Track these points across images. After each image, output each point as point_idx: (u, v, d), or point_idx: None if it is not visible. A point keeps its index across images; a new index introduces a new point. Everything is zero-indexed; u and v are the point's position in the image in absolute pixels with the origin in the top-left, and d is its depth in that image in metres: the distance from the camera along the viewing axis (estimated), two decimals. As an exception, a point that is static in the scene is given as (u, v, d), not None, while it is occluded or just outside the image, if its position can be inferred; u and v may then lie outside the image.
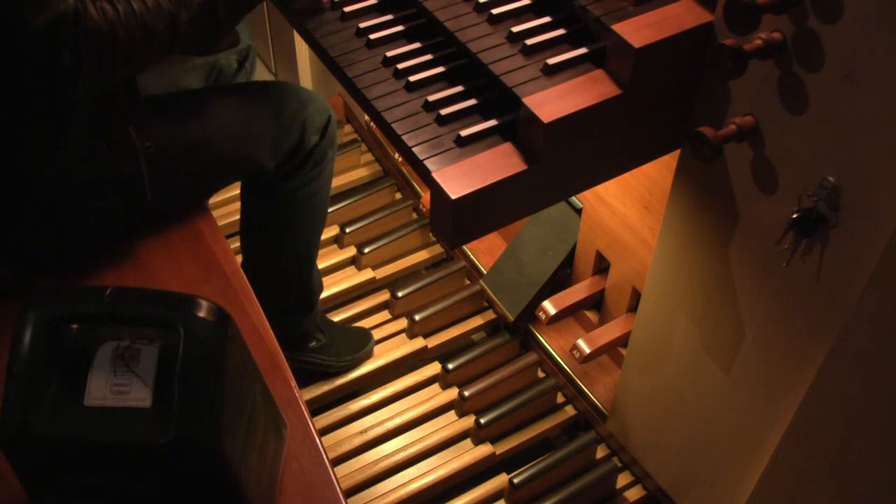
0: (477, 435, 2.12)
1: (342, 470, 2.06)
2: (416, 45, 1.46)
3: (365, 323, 2.35)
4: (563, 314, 2.07)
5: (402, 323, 2.35)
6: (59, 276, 1.59)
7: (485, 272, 2.32)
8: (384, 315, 2.37)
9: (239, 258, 2.16)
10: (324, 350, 2.17)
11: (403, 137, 1.31)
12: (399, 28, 1.49)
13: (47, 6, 1.23)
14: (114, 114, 1.48)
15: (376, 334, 2.32)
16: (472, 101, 1.35)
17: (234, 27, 1.53)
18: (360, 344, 2.25)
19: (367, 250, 2.43)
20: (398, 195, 2.69)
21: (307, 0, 1.53)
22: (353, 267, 2.47)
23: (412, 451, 2.10)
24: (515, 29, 1.37)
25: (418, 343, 2.31)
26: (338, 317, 2.34)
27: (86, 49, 1.27)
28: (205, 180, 1.71)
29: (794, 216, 1.24)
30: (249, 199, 1.89)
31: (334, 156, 1.87)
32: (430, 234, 2.55)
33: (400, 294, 2.34)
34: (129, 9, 1.32)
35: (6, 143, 1.42)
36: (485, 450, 2.12)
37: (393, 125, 1.33)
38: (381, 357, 2.27)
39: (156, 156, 1.55)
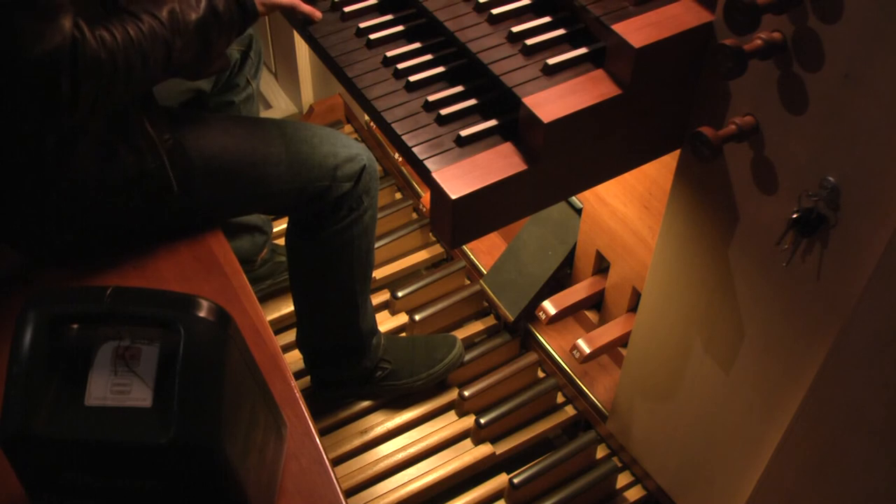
0: (477, 435, 2.12)
1: (342, 470, 2.06)
2: (416, 45, 1.46)
3: (365, 323, 2.35)
4: (563, 314, 2.07)
5: (402, 323, 2.35)
6: (74, 268, 1.60)
7: (485, 272, 2.32)
8: (384, 315, 2.37)
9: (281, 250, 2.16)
10: (393, 376, 2.14)
11: (403, 137, 1.31)
12: (399, 28, 1.49)
13: (43, 38, 1.23)
14: (129, 113, 1.49)
15: (376, 334, 2.32)
16: (472, 101, 1.35)
17: (224, 50, 1.55)
18: (439, 355, 2.19)
19: (367, 250, 2.43)
20: (398, 195, 2.69)
21: (302, 16, 1.54)
22: (353, 267, 2.47)
23: (412, 451, 2.10)
24: (515, 29, 1.37)
25: (418, 343, 2.31)
26: (338, 317, 2.35)
27: (85, 78, 1.28)
28: (223, 197, 1.69)
29: (794, 216, 1.24)
30: (292, 246, 1.88)
31: (373, 206, 1.84)
32: (430, 234, 2.55)
33: (400, 294, 2.34)
34: (126, 36, 1.33)
35: (23, 143, 1.42)
36: (485, 450, 2.12)
37: (393, 125, 1.33)
38: (381, 357, 2.28)
39: (176, 152, 1.55)
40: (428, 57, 1.44)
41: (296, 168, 1.69)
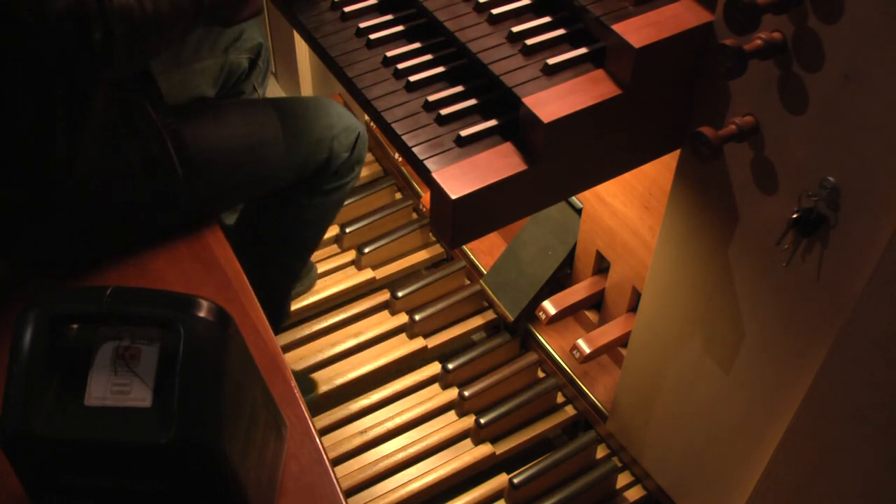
0: (477, 435, 2.12)
1: (342, 470, 2.06)
2: (416, 45, 1.46)
3: (365, 323, 2.35)
4: (563, 314, 2.07)
5: (402, 323, 2.35)
6: (61, 277, 1.59)
7: (485, 272, 2.32)
8: (384, 315, 2.37)
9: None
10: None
11: (403, 137, 1.31)
12: (399, 28, 1.49)
13: None
14: (130, 96, 1.47)
15: (376, 334, 2.32)
16: (472, 101, 1.35)
17: None
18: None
19: (367, 250, 2.43)
20: (398, 195, 2.69)
21: None
22: (353, 267, 2.47)
23: (412, 451, 2.10)
24: (515, 29, 1.37)
25: (418, 343, 2.31)
26: (338, 316, 2.35)
27: (116, 24, 1.26)
28: (224, 186, 1.69)
29: (794, 216, 1.24)
30: (266, 203, 1.87)
31: (357, 174, 1.85)
32: (430, 234, 2.55)
33: (400, 294, 2.34)
34: None
35: (34, 143, 1.41)
36: (485, 450, 2.12)
37: (393, 125, 1.33)
38: (382, 357, 2.28)
39: (180, 138, 1.54)
40: (428, 57, 1.44)
41: (294, 145, 1.68)
